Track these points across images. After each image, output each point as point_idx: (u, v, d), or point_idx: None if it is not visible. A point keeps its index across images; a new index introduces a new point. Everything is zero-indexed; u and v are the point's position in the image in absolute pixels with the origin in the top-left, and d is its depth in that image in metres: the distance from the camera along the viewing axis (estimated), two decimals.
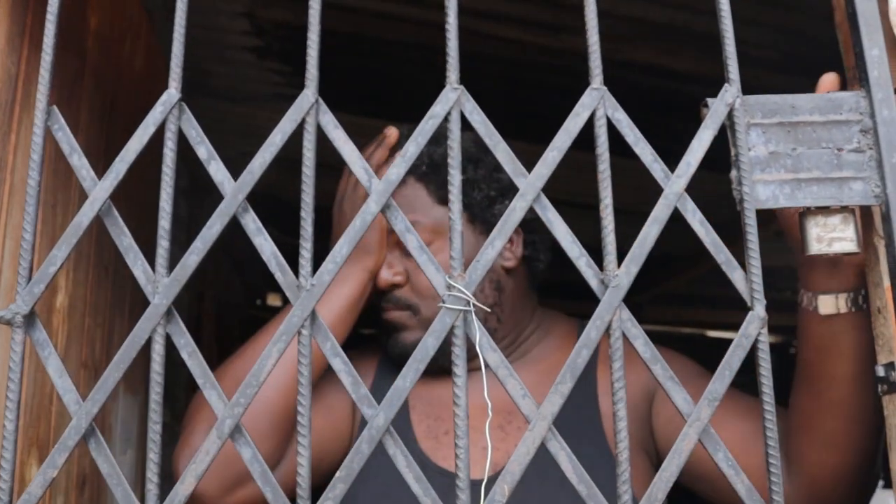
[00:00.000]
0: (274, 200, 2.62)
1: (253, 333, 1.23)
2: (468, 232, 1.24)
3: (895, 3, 0.83)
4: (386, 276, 1.25)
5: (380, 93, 2.50)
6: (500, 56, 2.14)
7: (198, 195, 2.63)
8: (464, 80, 1.13)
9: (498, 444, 1.17)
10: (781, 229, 0.98)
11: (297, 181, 0.74)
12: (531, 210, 0.74)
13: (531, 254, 1.31)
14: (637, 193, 2.02)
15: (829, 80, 0.91)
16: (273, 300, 4.69)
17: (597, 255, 0.72)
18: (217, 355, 3.25)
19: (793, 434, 1.04)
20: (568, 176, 1.58)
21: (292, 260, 0.71)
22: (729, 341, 0.72)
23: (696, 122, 0.78)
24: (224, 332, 3.57)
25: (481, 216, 1.26)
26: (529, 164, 0.73)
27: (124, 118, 1.50)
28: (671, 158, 0.77)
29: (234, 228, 0.75)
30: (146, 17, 1.68)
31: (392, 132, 1.26)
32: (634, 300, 5.29)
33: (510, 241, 1.28)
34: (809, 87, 0.91)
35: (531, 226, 1.30)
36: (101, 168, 0.82)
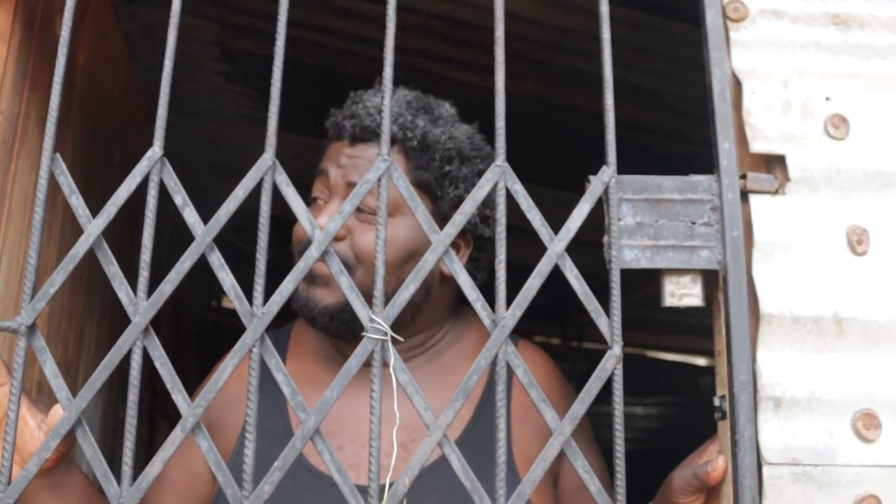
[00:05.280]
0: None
1: (210, 335, 1.26)
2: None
3: (749, 103, 1.03)
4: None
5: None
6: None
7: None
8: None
9: (401, 458, 1.22)
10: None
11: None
12: (490, 228, 0.96)
13: (471, 270, 1.35)
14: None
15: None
16: (228, 302, 4.82)
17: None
18: (173, 356, 3.39)
19: None
20: None
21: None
22: (665, 361, 0.89)
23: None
24: (182, 332, 3.71)
25: (447, 212, 1.27)
26: None
27: (105, 141, 1.66)
28: None
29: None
30: (125, 47, 1.84)
31: None
32: (576, 322, 5.52)
33: (458, 249, 1.33)
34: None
35: (482, 244, 1.36)
36: (80, 188, 0.98)
